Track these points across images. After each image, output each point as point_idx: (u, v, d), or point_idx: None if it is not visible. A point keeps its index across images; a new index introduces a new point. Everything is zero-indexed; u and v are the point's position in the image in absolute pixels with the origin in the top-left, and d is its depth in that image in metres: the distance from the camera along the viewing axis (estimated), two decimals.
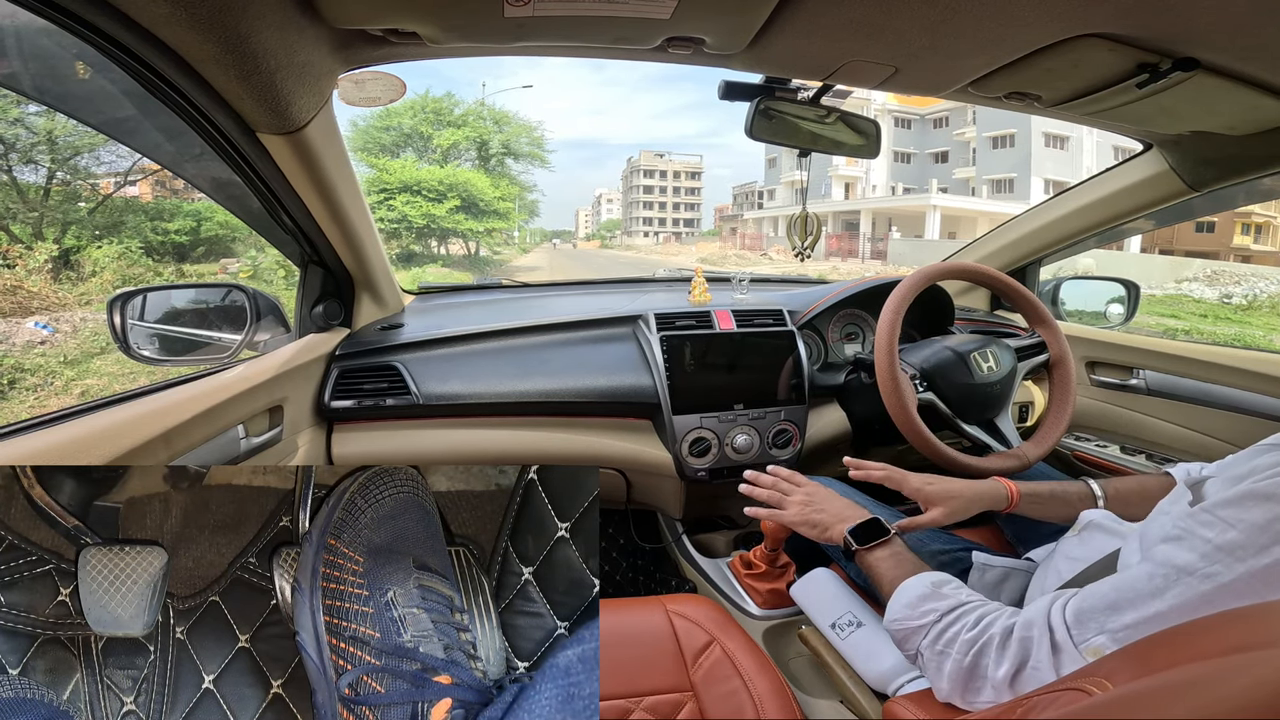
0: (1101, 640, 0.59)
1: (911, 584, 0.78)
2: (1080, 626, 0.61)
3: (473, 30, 0.83)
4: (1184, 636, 0.45)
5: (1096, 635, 0.59)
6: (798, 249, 1.31)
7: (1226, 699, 0.32)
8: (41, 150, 9.35)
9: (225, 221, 11.14)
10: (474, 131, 19.08)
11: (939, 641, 0.70)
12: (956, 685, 0.68)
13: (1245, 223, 23.69)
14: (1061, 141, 24.76)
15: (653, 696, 0.88)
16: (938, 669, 0.70)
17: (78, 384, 5.83)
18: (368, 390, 1.25)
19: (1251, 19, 0.71)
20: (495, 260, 20.39)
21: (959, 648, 0.68)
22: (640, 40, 0.85)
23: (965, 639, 0.68)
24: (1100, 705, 0.41)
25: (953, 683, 0.68)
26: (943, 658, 0.69)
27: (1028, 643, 0.63)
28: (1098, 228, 1.51)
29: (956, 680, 0.68)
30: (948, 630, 0.70)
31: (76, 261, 8.76)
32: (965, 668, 0.67)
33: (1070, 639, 0.61)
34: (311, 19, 0.74)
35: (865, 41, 0.84)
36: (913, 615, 0.74)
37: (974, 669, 0.66)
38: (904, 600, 0.76)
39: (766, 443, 1.35)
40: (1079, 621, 0.61)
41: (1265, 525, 0.53)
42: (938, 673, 0.70)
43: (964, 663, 0.67)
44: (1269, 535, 0.53)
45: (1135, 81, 0.87)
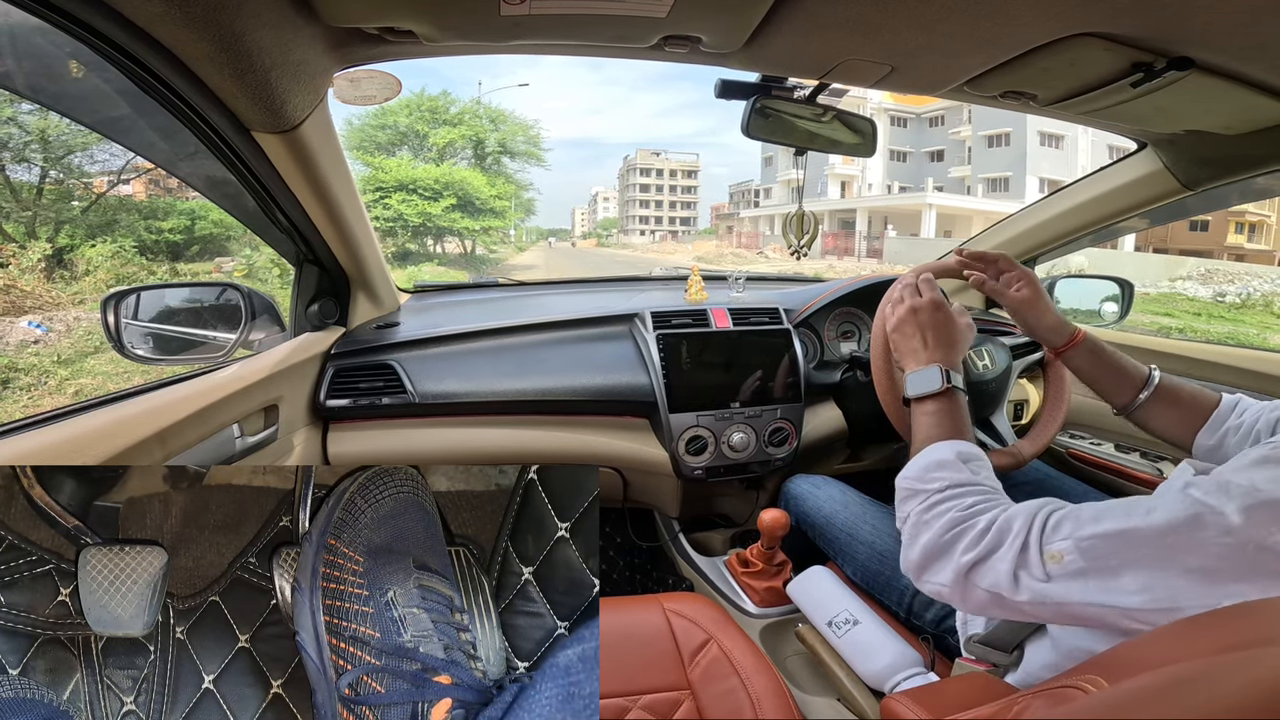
0: (1064, 545, 0.58)
1: (937, 449, 0.76)
2: (1053, 531, 0.60)
3: (469, 29, 0.83)
4: (1178, 634, 0.45)
5: (1062, 541, 0.59)
6: (794, 247, 1.31)
7: (1221, 697, 0.32)
8: (35, 149, 9.30)
9: (220, 220, 11.09)
10: (470, 130, 19.05)
11: (929, 512, 0.70)
12: (925, 558, 0.68)
13: (1239, 222, 23.79)
14: (1057, 140, 24.82)
15: (650, 695, 0.88)
16: (914, 539, 0.70)
17: (72, 383, 5.80)
18: (363, 389, 1.25)
19: (1247, 19, 0.71)
20: (491, 259, 20.35)
21: (942, 525, 0.67)
22: (637, 39, 0.85)
23: (951, 517, 0.67)
24: (1094, 704, 0.41)
25: (922, 555, 0.68)
26: (924, 529, 0.69)
27: (1002, 535, 0.63)
28: (1092, 226, 1.51)
29: (927, 553, 0.68)
30: (942, 504, 0.69)
31: (70, 260, 8.72)
32: (939, 545, 0.67)
33: (1039, 540, 0.60)
34: (307, 17, 0.73)
35: (861, 40, 0.84)
36: (921, 479, 0.73)
37: (945, 548, 0.66)
38: (922, 463, 0.76)
39: (763, 441, 1.35)
40: (1055, 526, 0.60)
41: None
42: (912, 542, 0.70)
43: (940, 540, 0.67)
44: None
45: (1130, 81, 0.87)
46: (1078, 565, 0.57)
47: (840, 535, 1.14)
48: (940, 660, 0.94)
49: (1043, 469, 1.28)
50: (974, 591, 0.64)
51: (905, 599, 1.01)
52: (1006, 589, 0.60)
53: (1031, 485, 1.21)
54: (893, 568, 1.04)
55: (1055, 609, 0.59)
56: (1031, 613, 0.61)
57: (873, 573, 1.07)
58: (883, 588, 1.05)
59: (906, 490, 0.75)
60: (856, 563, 1.10)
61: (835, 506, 1.19)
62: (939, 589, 0.67)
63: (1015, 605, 0.61)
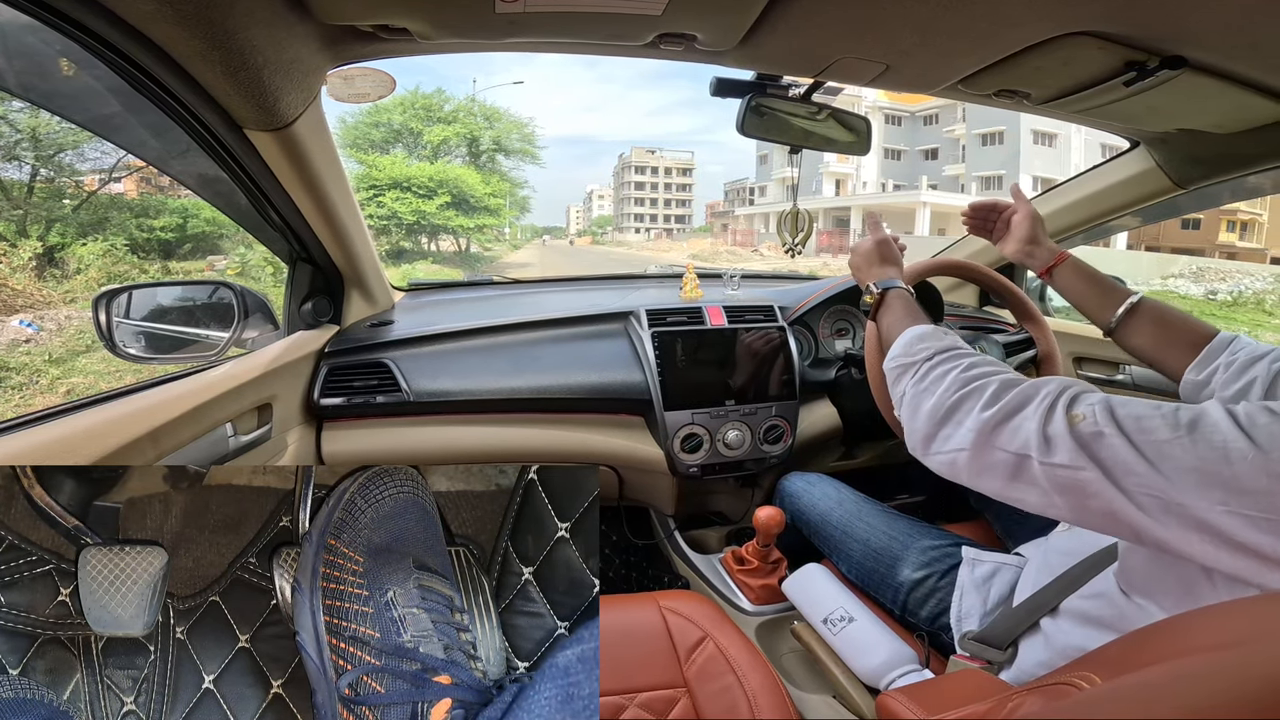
0: (1087, 408, 0.58)
1: (913, 329, 0.78)
2: (1078, 400, 0.60)
3: (463, 26, 0.83)
4: (1171, 632, 0.45)
5: (1085, 405, 0.58)
6: (789, 245, 1.31)
7: (1214, 694, 0.32)
8: (26, 147, 9.23)
9: (212, 218, 11.03)
10: (465, 128, 18.98)
11: (927, 379, 0.69)
12: (933, 423, 0.66)
13: (1231, 220, 23.92)
14: (1050, 139, 24.90)
15: (647, 693, 0.88)
16: (916, 409, 0.69)
17: (63, 382, 5.77)
18: (358, 387, 1.24)
19: (1239, 18, 0.72)
20: (486, 257, 20.30)
21: (948, 384, 0.66)
22: (632, 36, 0.85)
23: (956, 377, 0.66)
24: (1087, 701, 0.41)
25: (929, 421, 0.66)
26: (926, 395, 0.68)
27: (1026, 396, 0.61)
28: (1085, 224, 1.52)
29: (935, 417, 0.66)
30: (938, 368, 0.69)
31: (61, 259, 8.65)
32: (949, 405, 0.65)
33: (1066, 405, 0.59)
34: (300, 15, 0.73)
35: (856, 39, 0.84)
36: (908, 352, 0.74)
37: (956, 407, 0.65)
38: (903, 341, 0.77)
39: (758, 438, 1.35)
40: (1080, 397, 0.60)
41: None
42: (915, 414, 0.69)
43: (949, 399, 0.65)
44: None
45: (1123, 80, 0.88)
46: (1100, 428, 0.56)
47: (835, 533, 1.14)
48: (935, 657, 0.95)
49: None
50: (993, 455, 0.61)
51: (900, 596, 1.01)
52: (1036, 449, 0.58)
53: None
54: (887, 565, 1.04)
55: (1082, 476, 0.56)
56: (1060, 480, 0.58)
57: (868, 570, 1.07)
58: (878, 585, 1.05)
59: (896, 369, 0.75)
60: (851, 560, 1.10)
61: (830, 504, 1.19)
62: (953, 456, 0.64)
63: (1043, 469, 0.58)
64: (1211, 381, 0.86)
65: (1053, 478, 0.58)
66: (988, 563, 0.94)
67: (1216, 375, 0.85)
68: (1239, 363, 0.83)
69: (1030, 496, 0.61)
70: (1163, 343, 0.92)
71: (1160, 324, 0.93)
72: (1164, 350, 0.92)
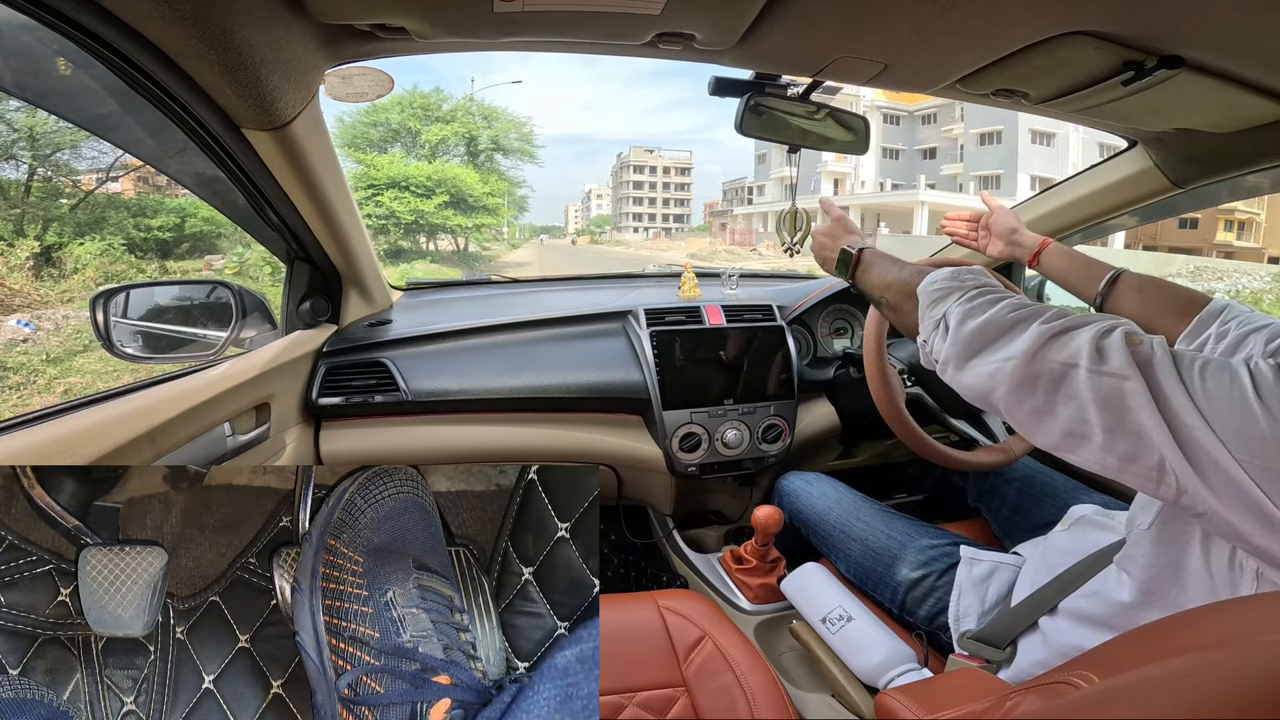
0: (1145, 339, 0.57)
1: (941, 270, 0.77)
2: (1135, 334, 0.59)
3: (462, 25, 0.82)
4: (1169, 630, 0.45)
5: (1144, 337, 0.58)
6: (787, 245, 1.31)
7: (1211, 692, 0.32)
8: (23, 146, 9.21)
9: (210, 218, 11.01)
10: (463, 127, 18.96)
11: (977, 300, 0.68)
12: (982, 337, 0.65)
13: (1228, 219, 23.97)
14: (1048, 138, 24.93)
15: (646, 692, 0.88)
16: (961, 324, 0.68)
17: (61, 382, 5.75)
18: (356, 387, 1.24)
19: (1237, 17, 0.72)
20: (484, 256, 20.29)
21: (1003, 307, 0.66)
22: (630, 36, 0.85)
23: (1012, 303, 0.66)
24: (1085, 699, 0.41)
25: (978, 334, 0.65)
26: (978, 311, 0.67)
27: (1088, 319, 0.61)
28: (1082, 224, 1.52)
29: (986, 332, 0.65)
30: (989, 294, 0.69)
31: (58, 258, 8.64)
32: (1006, 321, 0.64)
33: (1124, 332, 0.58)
34: (298, 14, 0.73)
35: (854, 38, 0.84)
36: (956, 278, 0.73)
37: (1015, 324, 0.64)
38: (947, 272, 0.76)
39: (756, 438, 1.35)
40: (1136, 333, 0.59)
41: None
42: (959, 328, 0.68)
43: (1007, 316, 0.65)
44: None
45: (1121, 79, 0.88)
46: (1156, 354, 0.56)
47: (834, 532, 1.14)
48: (933, 656, 0.95)
49: (1033, 465, 1.29)
50: (1041, 365, 0.60)
51: (899, 595, 1.01)
52: (1088, 357, 0.57)
53: (1021, 481, 1.22)
54: (886, 564, 1.04)
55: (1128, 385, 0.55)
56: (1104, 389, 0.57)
57: (866, 569, 1.07)
58: (876, 584, 1.05)
59: (940, 291, 0.73)
60: (850, 559, 1.10)
61: (829, 503, 1.19)
62: (998, 366, 0.63)
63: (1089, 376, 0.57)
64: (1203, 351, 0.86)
65: (1097, 387, 0.57)
66: (986, 562, 0.94)
67: (1208, 345, 0.84)
68: (1232, 335, 0.82)
69: (1065, 411, 0.59)
70: (1149, 311, 0.93)
71: (1143, 293, 0.95)
72: (1152, 319, 0.92)
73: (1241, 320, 0.82)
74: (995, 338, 0.64)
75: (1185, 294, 0.92)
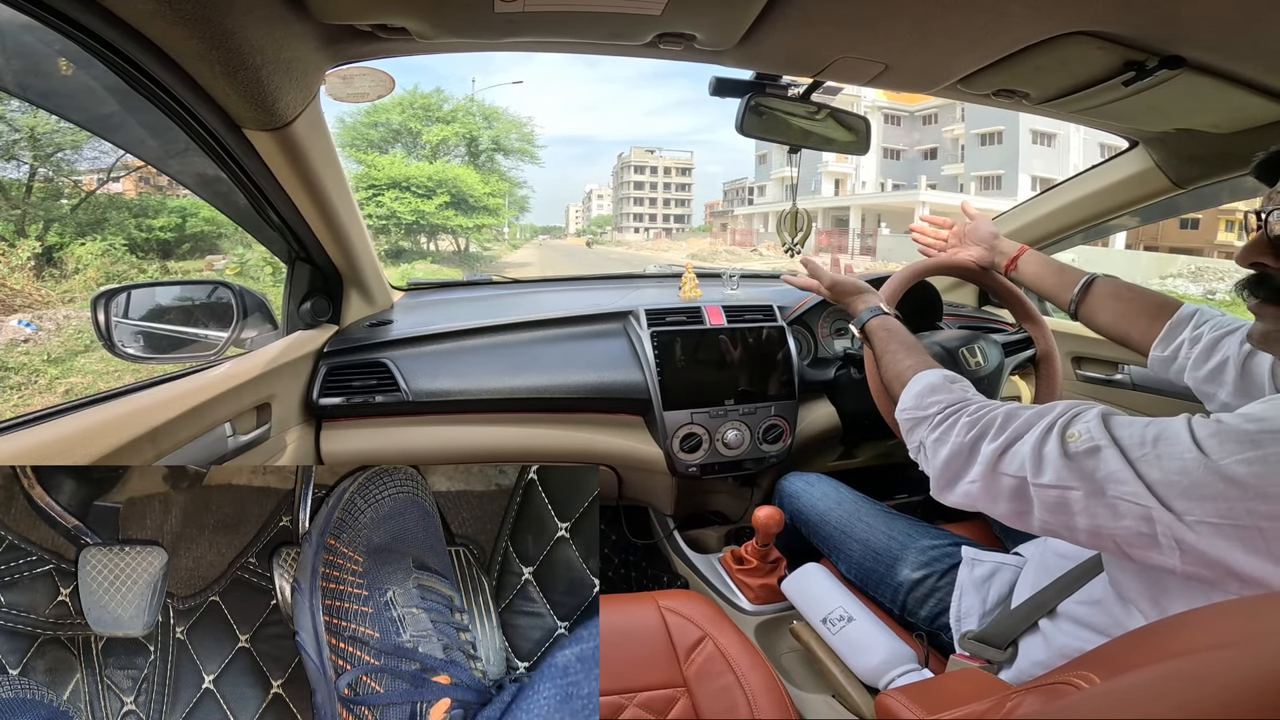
0: (1083, 425, 0.60)
1: (922, 376, 0.80)
2: (1075, 420, 0.61)
3: (463, 26, 0.83)
4: (1170, 631, 0.45)
5: (1081, 424, 0.60)
6: (788, 245, 1.31)
7: (1211, 694, 0.32)
8: (24, 147, 9.21)
9: (211, 218, 11.01)
10: (464, 127, 18.96)
11: (940, 428, 0.72)
12: (952, 467, 0.69)
13: (1229, 220, 23.87)
14: (1049, 139, 24.90)
15: (646, 692, 0.88)
16: (934, 455, 0.72)
17: (62, 382, 5.76)
18: (357, 387, 1.24)
19: (1238, 18, 0.72)
20: (485, 256, 20.30)
21: (960, 428, 0.69)
22: (632, 36, 0.85)
23: (967, 421, 0.69)
24: (1085, 700, 0.41)
25: (947, 465, 0.69)
26: (942, 444, 0.71)
27: (1029, 423, 0.64)
28: (1084, 224, 1.52)
29: (952, 461, 0.69)
30: (950, 418, 0.72)
31: (60, 259, 8.65)
32: (963, 446, 0.68)
33: (1063, 427, 0.61)
34: (299, 14, 0.73)
35: (855, 38, 0.84)
36: (920, 406, 0.77)
37: (971, 446, 0.68)
38: (915, 390, 0.79)
39: (757, 438, 1.35)
40: (1077, 417, 0.62)
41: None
42: (934, 459, 0.72)
43: (963, 441, 0.68)
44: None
45: (1122, 79, 0.88)
46: (1095, 443, 0.58)
47: (834, 532, 1.14)
48: (934, 657, 0.95)
49: None
50: (1001, 481, 0.64)
51: (899, 596, 1.01)
52: (1031, 470, 0.61)
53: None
54: (886, 564, 1.04)
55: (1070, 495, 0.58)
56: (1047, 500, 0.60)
57: (867, 570, 1.07)
58: (877, 584, 1.05)
59: (910, 420, 0.78)
60: (851, 560, 1.10)
61: (829, 504, 1.19)
62: (969, 489, 0.67)
63: (1037, 489, 0.60)
64: (1179, 357, 0.89)
65: (1044, 497, 0.60)
66: (987, 562, 0.94)
67: (1182, 350, 0.88)
68: (1205, 340, 0.85)
69: (1033, 517, 0.63)
70: (1123, 317, 0.96)
71: (1116, 298, 0.98)
72: (1126, 324, 0.96)
73: (1214, 324, 0.85)
74: (960, 466, 0.69)
75: (1156, 299, 0.95)
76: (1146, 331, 0.93)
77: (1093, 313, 1.00)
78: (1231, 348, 0.81)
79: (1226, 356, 0.82)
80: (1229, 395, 0.82)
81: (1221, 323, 0.85)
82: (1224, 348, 0.82)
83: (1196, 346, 0.86)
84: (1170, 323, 0.90)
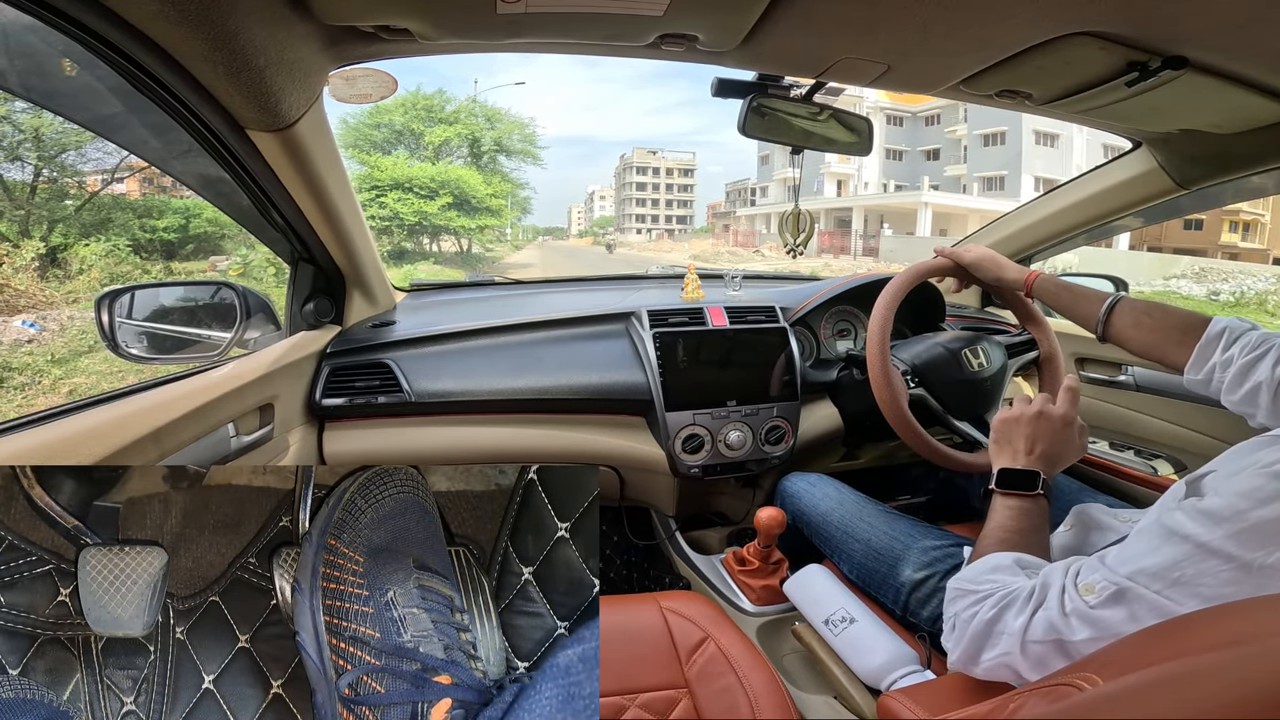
0: (1094, 579, 0.60)
1: (997, 557, 0.75)
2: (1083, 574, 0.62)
3: (465, 27, 0.83)
4: (1174, 632, 0.45)
5: (1091, 575, 0.60)
6: (790, 246, 1.31)
7: (1215, 694, 0.32)
8: (28, 147, 9.26)
9: (214, 219, 11.06)
10: (466, 128, 18.99)
11: (973, 607, 0.70)
12: (976, 643, 0.67)
13: (1233, 220, 23.86)
14: (1052, 139, 24.86)
15: (648, 693, 0.88)
16: (960, 631, 0.70)
17: (65, 383, 5.78)
18: (359, 388, 1.24)
19: (1240, 18, 0.72)
20: (488, 257, 20.34)
21: (987, 605, 0.67)
22: (633, 37, 0.85)
23: (994, 599, 0.68)
24: (1090, 701, 0.41)
25: (972, 640, 0.67)
26: (969, 620, 0.69)
27: (1045, 590, 0.64)
28: (1087, 225, 1.52)
29: (977, 636, 0.67)
30: (985, 599, 0.69)
31: (63, 259, 8.69)
32: (987, 621, 0.66)
33: (1074, 582, 0.62)
34: (302, 15, 0.73)
35: (857, 39, 0.84)
36: (975, 580, 0.73)
37: (996, 621, 0.66)
38: (980, 567, 0.75)
39: (759, 439, 1.35)
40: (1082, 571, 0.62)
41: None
42: (960, 635, 0.69)
43: (988, 616, 0.67)
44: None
45: (1125, 80, 0.88)
46: (1111, 590, 0.58)
47: (836, 533, 1.14)
48: (936, 658, 0.94)
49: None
50: (1034, 648, 0.63)
51: (901, 597, 1.01)
52: (1064, 630, 0.60)
53: None
54: (889, 565, 1.04)
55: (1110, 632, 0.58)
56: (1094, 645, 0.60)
57: (869, 570, 1.07)
58: (879, 585, 1.05)
59: (957, 591, 0.74)
60: (853, 561, 1.10)
61: (831, 505, 1.19)
62: (1002, 658, 0.65)
63: (1076, 645, 0.60)
64: (1212, 380, 0.88)
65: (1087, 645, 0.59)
66: None
67: (1215, 374, 0.87)
68: (1237, 365, 0.84)
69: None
70: (1150, 339, 0.95)
71: (1140, 325, 0.97)
72: (1155, 346, 0.95)
73: (1244, 345, 0.84)
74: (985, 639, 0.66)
75: (1181, 318, 0.94)
76: (1176, 354, 0.91)
77: (1119, 336, 1.00)
78: (1264, 372, 0.81)
79: (1260, 382, 0.81)
80: (1265, 418, 0.82)
81: (1249, 342, 0.84)
82: (1257, 373, 0.81)
83: (1229, 371, 0.84)
84: (1199, 345, 0.88)
